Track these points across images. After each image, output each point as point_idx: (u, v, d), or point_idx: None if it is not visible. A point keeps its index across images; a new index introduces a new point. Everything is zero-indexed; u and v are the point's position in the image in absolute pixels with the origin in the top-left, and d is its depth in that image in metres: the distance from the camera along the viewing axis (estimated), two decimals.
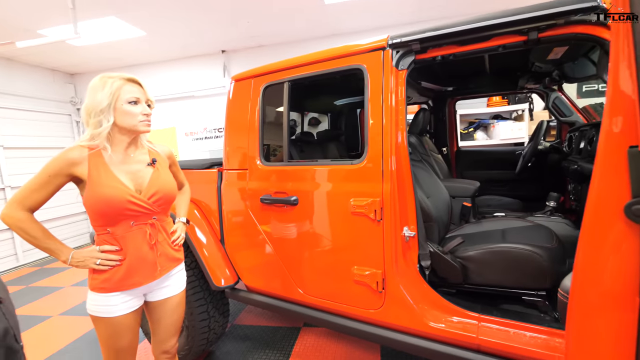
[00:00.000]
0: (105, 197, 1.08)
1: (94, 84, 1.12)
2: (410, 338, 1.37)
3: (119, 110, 1.11)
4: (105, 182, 1.09)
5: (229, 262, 1.95)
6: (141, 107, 1.15)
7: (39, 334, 2.71)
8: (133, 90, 1.14)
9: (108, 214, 1.11)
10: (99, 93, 1.09)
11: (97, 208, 1.10)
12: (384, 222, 1.37)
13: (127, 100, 1.12)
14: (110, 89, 1.09)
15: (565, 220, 1.78)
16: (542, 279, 1.31)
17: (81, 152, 1.10)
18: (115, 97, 1.10)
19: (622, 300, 0.57)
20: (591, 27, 1.09)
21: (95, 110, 1.09)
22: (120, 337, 1.17)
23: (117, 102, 1.10)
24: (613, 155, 0.59)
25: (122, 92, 1.11)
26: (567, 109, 2.35)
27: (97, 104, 1.09)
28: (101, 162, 1.11)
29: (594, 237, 0.61)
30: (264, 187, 1.72)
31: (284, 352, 2.18)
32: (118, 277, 1.14)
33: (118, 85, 1.11)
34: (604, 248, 0.59)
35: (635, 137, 0.56)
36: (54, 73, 5.29)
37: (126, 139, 1.17)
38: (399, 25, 4.34)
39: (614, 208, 0.58)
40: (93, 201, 1.09)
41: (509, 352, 1.18)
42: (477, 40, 1.28)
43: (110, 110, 1.10)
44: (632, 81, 0.59)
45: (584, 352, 0.67)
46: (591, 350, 0.66)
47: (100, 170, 1.10)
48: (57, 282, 3.93)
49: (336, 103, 3.07)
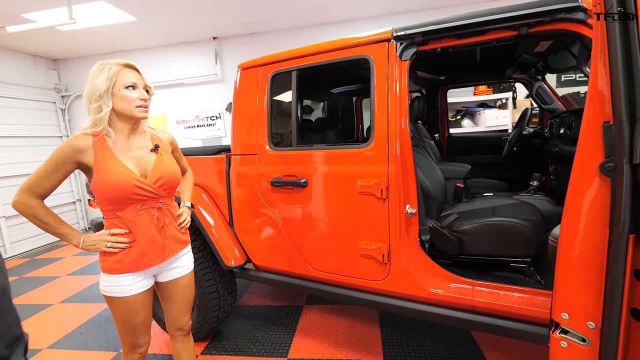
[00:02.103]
0: (113, 182, 1.12)
1: (93, 71, 1.16)
2: (413, 304, 1.53)
3: (117, 95, 1.14)
4: (111, 168, 1.13)
5: (238, 243, 2.05)
6: (138, 92, 1.17)
7: (43, 320, 2.75)
8: (130, 76, 1.16)
9: (116, 198, 1.15)
10: (98, 79, 1.13)
11: (106, 193, 1.14)
12: (389, 200, 1.50)
13: (124, 85, 1.14)
14: (107, 74, 1.12)
15: (546, 197, 1.97)
16: (528, 247, 1.50)
17: (86, 140, 1.13)
18: (112, 82, 1.13)
19: (597, 235, 0.77)
20: (573, 24, 1.24)
21: (95, 95, 1.13)
22: (135, 314, 1.24)
23: (114, 87, 1.13)
24: (592, 128, 0.80)
25: (119, 77, 1.14)
26: (548, 97, 2.55)
27: (96, 89, 1.12)
28: (106, 148, 1.15)
29: (578, 188, 0.80)
30: (274, 171, 1.82)
31: (289, 328, 2.33)
32: (129, 259, 1.19)
33: (115, 71, 1.14)
34: (585, 196, 0.79)
35: (608, 115, 0.77)
36: (36, 58, 5.10)
37: (127, 125, 1.20)
38: (389, 15, 4.42)
39: (592, 166, 0.78)
40: (101, 187, 1.13)
41: (500, 310, 1.35)
42: (474, 34, 1.40)
43: (108, 95, 1.13)
44: (606, 72, 0.76)
45: (570, 285, 0.86)
46: (575, 284, 0.85)
47: (106, 157, 1.14)
48: (51, 272, 3.92)
49: (333, 91, 3.16)
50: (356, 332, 2.21)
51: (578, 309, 0.84)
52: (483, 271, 1.58)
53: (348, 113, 3.44)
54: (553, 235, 0.91)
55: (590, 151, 0.80)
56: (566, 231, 0.82)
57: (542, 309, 1.28)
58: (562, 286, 0.85)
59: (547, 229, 1.55)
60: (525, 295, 1.35)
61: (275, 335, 2.25)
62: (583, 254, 0.80)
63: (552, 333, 0.92)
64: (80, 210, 5.67)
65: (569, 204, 0.82)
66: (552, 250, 0.91)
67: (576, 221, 0.80)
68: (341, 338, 2.15)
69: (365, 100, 3.55)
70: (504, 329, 1.33)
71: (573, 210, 0.82)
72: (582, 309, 0.82)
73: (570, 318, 0.87)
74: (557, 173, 2.02)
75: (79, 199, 5.65)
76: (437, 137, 3.09)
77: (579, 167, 0.80)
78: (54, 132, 5.37)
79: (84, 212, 5.72)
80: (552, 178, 2.15)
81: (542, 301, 1.31)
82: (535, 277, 1.48)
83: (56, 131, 5.40)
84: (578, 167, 0.80)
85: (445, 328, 2.13)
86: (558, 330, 0.91)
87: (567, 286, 0.85)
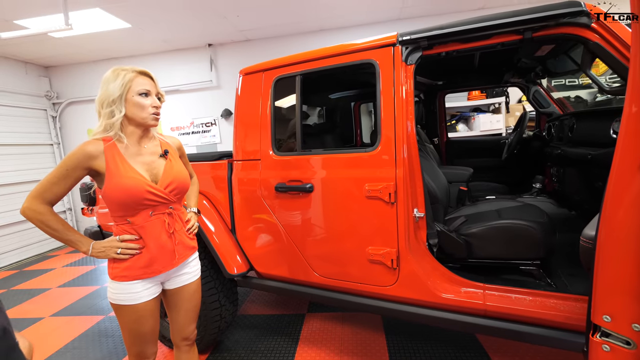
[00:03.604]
0: (125, 187, 1.12)
1: (107, 76, 1.15)
2: (423, 310, 1.50)
3: (130, 101, 1.14)
4: (123, 174, 1.12)
5: (240, 250, 2.01)
6: (151, 99, 1.18)
7: (33, 335, 2.64)
8: (144, 83, 1.17)
9: (128, 204, 1.14)
10: (111, 84, 1.13)
11: (118, 199, 1.13)
12: (397, 204, 1.49)
13: (138, 92, 1.15)
14: (122, 80, 1.13)
15: (550, 199, 1.99)
16: (537, 249, 1.49)
17: (97, 145, 1.12)
18: (126, 88, 1.14)
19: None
20: (577, 28, 1.26)
21: (108, 100, 1.13)
22: (144, 322, 1.21)
23: (128, 93, 1.14)
24: (633, 127, 0.77)
25: (133, 84, 1.15)
26: (545, 101, 2.59)
27: (110, 94, 1.13)
28: (117, 153, 1.14)
29: (619, 188, 0.79)
30: (278, 176, 1.79)
31: (292, 337, 2.27)
32: (139, 265, 1.18)
33: (130, 77, 1.14)
34: (627, 195, 0.77)
35: None
36: (27, 65, 5.00)
37: (137, 130, 1.20)
38: (385, 22, 4.48)
39: (634, 165, 0.76)
40: (113, 192, 1.12)
41: (512, 315, 1.34)
42: (479, 39, 1.42)
43: (122, 101, 1.13)
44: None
45: (612, 286, 0.84)
46: (619, 285, 0.83)
47: (118, 162, 1.13)
48: (41, 284, 3.79)
49: (332, 97, 3.16)
50: (361, 339, 2.18)
51: (622, 310, 0.82)
52: (492, 275, 1.57)
53: (347, 118, 3.45)
54: (586, 236, 0.89)
55: (633, 149, 0.79)
56: (606, 232, 0.81)
57: (555, 311, 1.27)
58: (603, 287, 0.83)
59: (555, 231, 1.55)
60: (538, 298, 1.33)
61: (278, 345, 2.19)
62: (626, 254, 0.78)
63: (591, 337, 0.90)
64: (71, 219, 5.52)
65: (609, 203, 0.81)
66: (585, 251, 0.89)
67: (618, 221, 0.79)
68: (346, 346, 2.11)
69: (364, 106, 3.56)
70: (518, 334, 1.31)
71: (614, 210, 0.80)
72: (626, 310, 0.80)
73: (612, 320, 0.85)
74: (560, 175, 2.04)
75: (69, 208, 5.51)
76: (436, 141, 3.11)
77: (620, 166, 0.79)
78: (45, 140, 5.25)
79: (74, 221, 5.58)
80: (554, 180, 2.17)
81: (554, 304, 1.30)
82: (545, 280, 1.47)
83: (47, 139, 5.29)
84: (618, 166, 0.79)
85: (450, 333, 2.11)
86: (598, 334, 0.89)
87: (609, 287, 0.83)
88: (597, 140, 1.68)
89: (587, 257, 0.87)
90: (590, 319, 0.90)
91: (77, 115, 5.38)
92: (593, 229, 0.85)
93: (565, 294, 1.31)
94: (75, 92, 5.28)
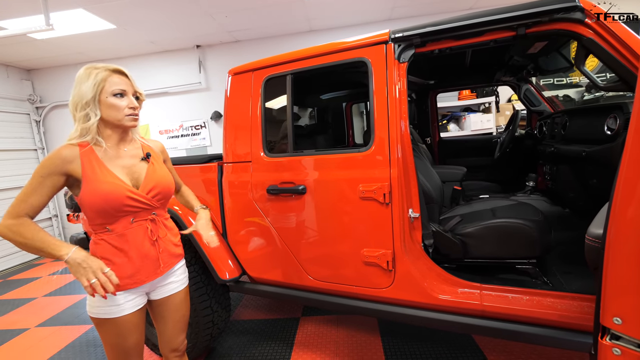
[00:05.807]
0: (103, 193, 1.04)
1: (79, 75, 1.08)
2: (420, 311, 1.48)
3: (104, 103, 1.06)
4: (101, 179, 1.05)
5: (232, 255, 1.95)
6: (127, 100, 1.10)
7: (18, 347, 2.54)
8: (119, 82, 1.09)
9: (107, 211, 1.07)
10: (84, 84, 1.05)
11: (95, 206, 1.05)
12: (392, 205, 1.46)
13: (112, 92, 1.07)
14: (94, 80, 1.05)
15: (543, 197, 1.99)
16: (533, 248, 1.48)
17: (72, 150, 1.05)
18: (99, 88, 1.05)
19: None
20: (571, 24, 1.25)
21: (81, 102, 1.05)
22: (128, 336, 1.14)
23: (101, 94, 1.06)
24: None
25: (107, 83, 1.07)
26: (536, 99, 2.60)
27: (82, 96, 1.05)
28: (94, 158, 1.07)
29: (630, 186, 0.76)
30: (270, 178, 1.75)
31: (286, 342, 2.23)
32: (121, 275, 1.09)
33: (103, 77, 1.06)
34: (637, 194, 0.74)
35: None
36: (8, 68, 4.85)
37: (115, 134, 1.13)
38: (374, 23, 4.48)
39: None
40: (90, 199, 1.04)
41: (510, 314, 1.32)
42: (472, 35, 1.40)
43: (95, 103, 1.05)
44: None
45: (623, 287, 0.81)
46: (631, 286, 0.80)
47: (95, 166, 1.06)
48: (26, 294, 3.66)
49: (324, 97, 3.13)
50: (356, 342, 2.14)
51: (633, 312, 0.79)
52: (488, 274, 1.55)
53: (338, 119, 3.42)
54: (592, 235, 0.87)
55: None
56: (617, 230, 0.78)
57: (553, 310, 1.26)
58: (614, 288, 0.81)
59: (550, 229, 1.54)
60: (535, 297, 1.32)
61: (272, 350, 2.15)
62: (638, 253, 0.75)
63: (600, 339, 0.87)
64: (57, 226, 5.37)
65: (619, 202, 0.78)
66: (592, 250, 0.87)
67: (629, 219, 0.76)
68: (342, 350, 2.08)
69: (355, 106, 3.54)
70: (516, 334, 1.29)
71: (624, 207, 0.77)
72: (639, 312, 0.78)
73: (623, 323, 0.82)
74: (553, 173, 2.04)
75: (55, 215, 5.35)
76: (428, 140, 3.10)
77: (630, 163, 0.76)
78: (28, 145, 5.10)
79: (61, 228, 5.42)
80: (546, 178, 2.17)
81: (552, 303, 1.28)
82: (541, 278, 1.46)
83: (30, 144, 5.13)
84: (628, 164, 0.76)
85: (446, 333, 2.09)
86: (608, 336, 0.86)
87: (620, 288, 0.80)
88: (590, 137, 1.67)
89: (593, 257, 0.84)
90: (599, 321, 0.87)
91: (61, 119, 5.23)
92: (599, 227, 0.83)
93: (562, 292, 1.29)
94: (60, 95, 5.13)
